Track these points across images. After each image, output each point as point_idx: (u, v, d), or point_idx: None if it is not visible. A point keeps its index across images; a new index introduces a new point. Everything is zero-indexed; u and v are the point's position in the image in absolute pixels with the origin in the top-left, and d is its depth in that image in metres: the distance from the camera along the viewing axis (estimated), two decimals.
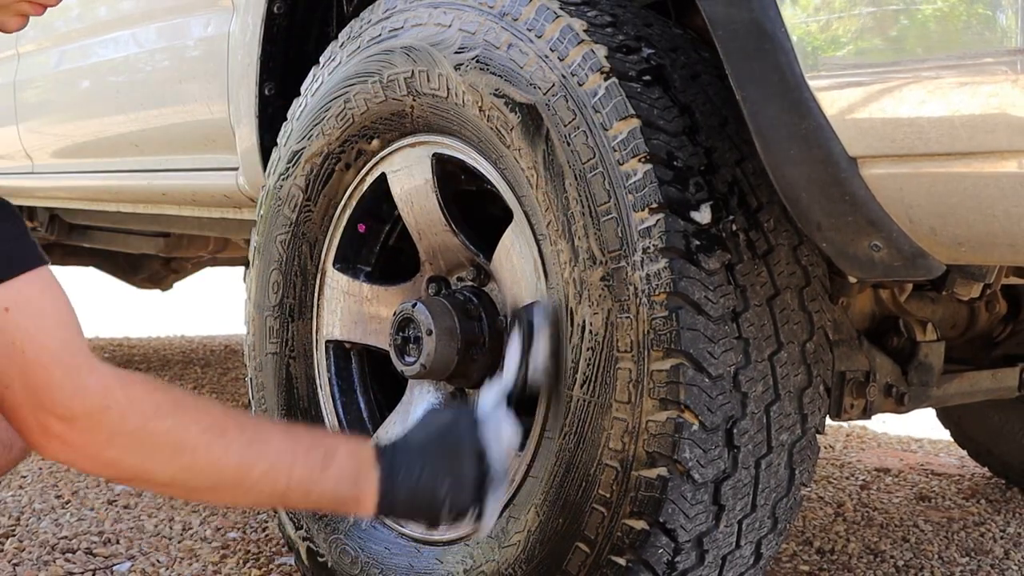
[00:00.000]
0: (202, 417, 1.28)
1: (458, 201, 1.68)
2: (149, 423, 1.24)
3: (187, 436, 1.26)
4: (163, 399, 1.26)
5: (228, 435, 1.28)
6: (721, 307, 1.35)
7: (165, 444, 1.25)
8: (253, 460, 1.29)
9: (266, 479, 1.30)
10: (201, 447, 1.26)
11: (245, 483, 1.30)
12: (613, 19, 1.46)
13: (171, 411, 1.26)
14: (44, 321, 1.21)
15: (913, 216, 1.17)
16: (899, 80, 1.13)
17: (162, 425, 1.24)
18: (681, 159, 1.37)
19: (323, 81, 1.78)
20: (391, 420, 1.78)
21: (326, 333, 1.84)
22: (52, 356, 1.20)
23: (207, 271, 4.72)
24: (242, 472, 1.29)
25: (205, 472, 1.28)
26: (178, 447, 1.25)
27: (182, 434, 1.26)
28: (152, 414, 1.24)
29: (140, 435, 1.24)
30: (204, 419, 1.28)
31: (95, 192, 2.92)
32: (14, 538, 2.22)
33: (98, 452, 1.24)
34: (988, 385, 2.03)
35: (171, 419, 1.25)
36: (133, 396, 1.24)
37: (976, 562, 2.30)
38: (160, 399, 1.26)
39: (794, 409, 1.43)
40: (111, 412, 1.22)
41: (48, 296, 1.22)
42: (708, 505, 1.38)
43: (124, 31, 2.61)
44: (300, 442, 1.34)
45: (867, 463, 3.15)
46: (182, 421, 1.26)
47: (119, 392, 1.23)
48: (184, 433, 1.26)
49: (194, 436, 1.26)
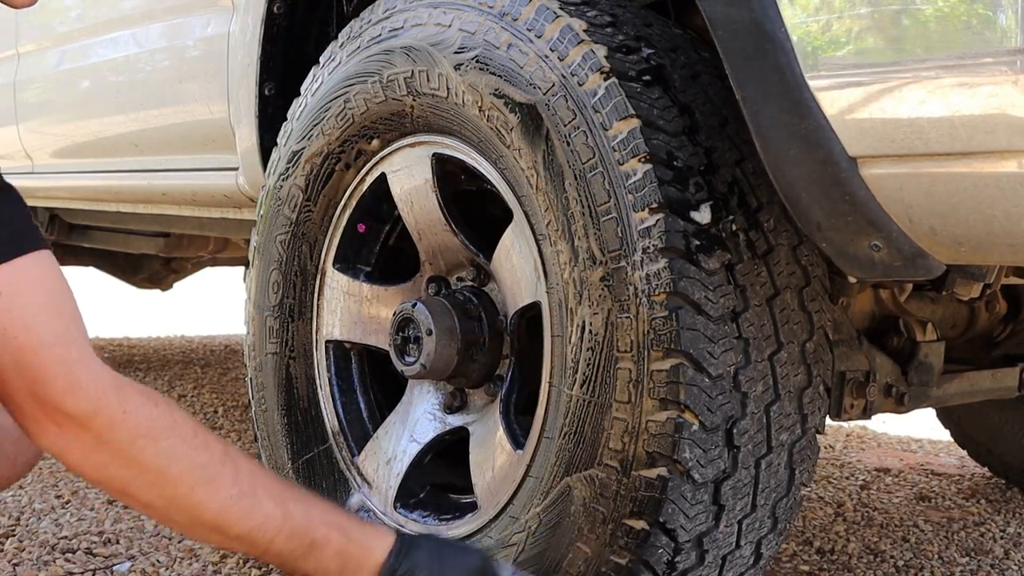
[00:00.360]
0: (197, 454, 1.22)
1: (458, 201, 1.68)
2: (138, 440, 1.19)
3: (173, 468, 1.21)
4: (159, 417, 1.21)
5: (216, 483, 1.22)
6: (721, 307, 1.35)
7: (150, 468, 1.20)
8: (234, 519, 1.23)
9: (242, 541, 1.25)
10: (185, 486, 1.21)
11: (222, 533, 1.25)
12: (613, 19, 1.46)
13: (164, 434, 1.21)
14: (38, 309, 1.16)
15: (913, 216, 1.17)
16: (899, 80, 1.13)
17: (151, 447, 1.20)
18: (681, 159, 1.37)
19: (323, 81, 1.78)
20: (391, 420, 1.78)
21: (326, 333, 1.84)
22: (46, 347, 1.15)
23: (207, 271, 4.72)
24: (220, 525, 1.24)
25: (184, 511, 1.23)
26: (161, 476, 1.21)
27: (169, 464, 1.21)
28: (144, 431, 1.19)
29: (127, 450, 1.19)
30: (198, 456, 1.22)
31: (95, 192, 2.92)
32: (14, 538, 2.22)
33: (86, 454, 1.19)
34: (988, 385, 2.03)
35: (163, 443, 1.20)
36: (127, 406, 1.19)
37: (976, 562, 2.30)
38: (156, 417, 1.21)
39: (794, 409, 1.43)
40: (100, 417, 1.18)
41: (45, 283, 1.17)
42: (708, 505, 1.38)
43: (124, 31, 2.61)
44: (290, 518, 1.26)
45: (867, 463, 3.14)
46: (174, 450, 1.21)
47: (113, 398, 1.19)
48: (172, 464, 1.21)
49: (181, 471, 1.21)
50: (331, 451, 1.82)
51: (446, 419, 1.73)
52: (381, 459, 1.76)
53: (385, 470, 1.75)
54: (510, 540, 1.50)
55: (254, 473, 1.26)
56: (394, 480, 1.73)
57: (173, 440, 1.21)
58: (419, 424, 1.74)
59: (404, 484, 1.72)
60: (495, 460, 1.58)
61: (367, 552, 1.29)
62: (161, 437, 1.20)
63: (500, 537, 1.52)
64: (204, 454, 1.23)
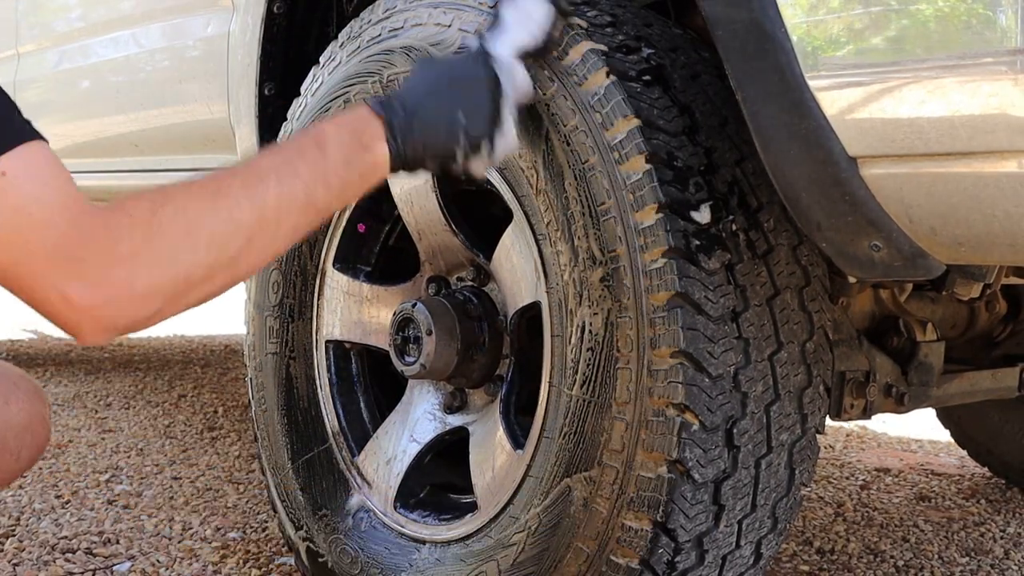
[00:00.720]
0: (195, 189, 1.23)
1: (458, 201, 1.68)
2: (153, 218, 1.17)
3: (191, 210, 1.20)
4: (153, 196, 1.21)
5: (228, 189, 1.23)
6: (721, 307, 1.35)
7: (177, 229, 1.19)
8: (262, 193, 1.23)
9: (283, 201, 1.25)
10: (208, 214, 1.21)
11: (269, 217, 1.24)
12: (613, 19, 1.46)
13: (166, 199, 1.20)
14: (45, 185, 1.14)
15: (913, 216, 1.17)
16: (899, 80, 1.13)
17: (165, 213, 1.18)
18: (681, 159, 1.37)
19: (323, 81, 1.78)
20: (391, 420, 1.78)
21: (326, 333, 1.84)
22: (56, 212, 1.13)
23: None
24: (259, 211, 1.23)
25: (228, 233, 1.22)
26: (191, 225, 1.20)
27: (186, 211, 1.20)
28: (149, 210, 1.18)
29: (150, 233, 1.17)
30: (198, 190, 1.23)
31: (95, 192, 2.91)
32: (14, 538, 2.22)
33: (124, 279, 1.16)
34: (988, 385, 2.03)
35: (170, 205, 1.19)
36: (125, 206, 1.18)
37: (976, 562, 2.30)
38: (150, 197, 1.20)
39: (794, 409, 1.43)
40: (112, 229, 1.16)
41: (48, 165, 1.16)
42: (708, 505, 1.38)
43: (124, 31, 2.61)
44: (287, 149, 1.29)
45: (867, 463, 3.15)
46: (180, 202, 1.20)
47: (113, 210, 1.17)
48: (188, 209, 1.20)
49: (197, 208, 1.21)
50: (331, 451, 1.82)
51: (446, 419, 1.73)
52: (381, 459, 1.76)
53: (385, 470, 1.75)
54: (510, 540, 1.50)
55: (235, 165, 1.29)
56: (394, 480, 1.73)
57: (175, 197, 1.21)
58: (419, 424, 1.74)
59: (404, 484, 1.73)
60: (495, 460, 1.58)
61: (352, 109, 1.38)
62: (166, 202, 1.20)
63: (500, 537, 1.52)
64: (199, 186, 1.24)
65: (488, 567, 1.53)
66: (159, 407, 3.65)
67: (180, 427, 3.34)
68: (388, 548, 1.70)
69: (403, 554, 1.68)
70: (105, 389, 3.96)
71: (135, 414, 3.53)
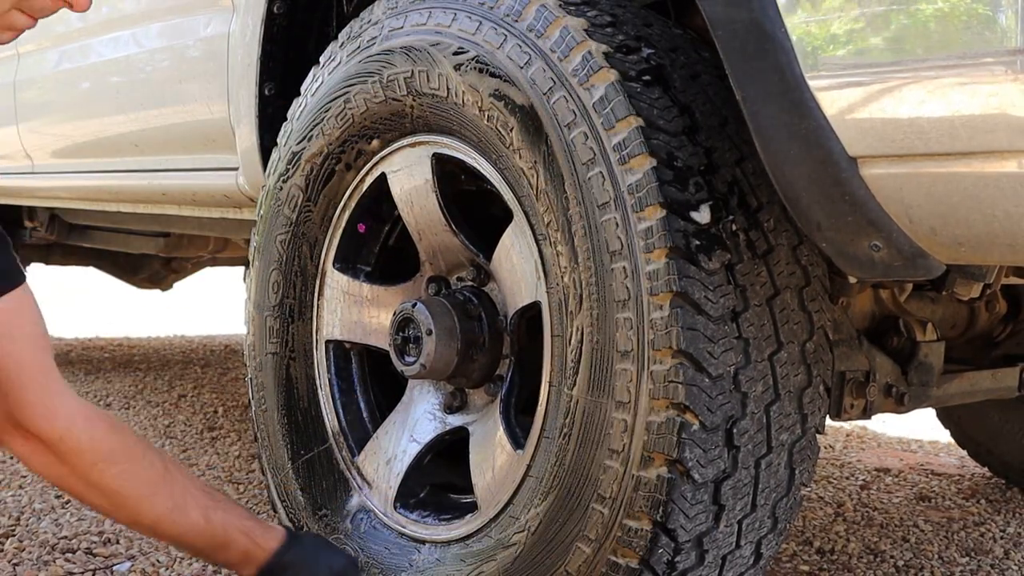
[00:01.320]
0: (145, 473, 1.52)
1: (458, 201, 1.68)
2: (99, 464, 1.47)
3: (125, 487, 1.51)
4: (118, 445, 1.50)
5: (157, 497, 1.53)
6: (721, 307, 1.35)
7: (105, 487, 1.49)
8: (167, 525, 1.55)
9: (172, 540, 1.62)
10: (132, 500, 1.52)
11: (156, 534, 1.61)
12: (613, 19, 1.46)
13: (121, 459, 1.49)
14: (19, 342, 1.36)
15: (913, 216, 1.17)
16: (899, 80, 1.13)
17: (109, 471, 1.48)
18: (681, 159, 1.37)
19: (323, 81, 1.78)
20: (391, 420, 1.78)
21: (326, 333, 1.84)
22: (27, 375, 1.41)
23: (207, 271, 4.72)
24: (155, 529, 1.58)
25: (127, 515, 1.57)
26: (114, 493, 1.51)
27: (122, 484, 1.50)
28: (103, 457, 1.47)
29: (87, 472, 1.47)
30: (145, 475, 1.52)
31: (95, 192, 2.92)
32: (14, 538, 2.22)
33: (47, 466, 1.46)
34: (988, 385, 2.03)
35: (118, 467, 1.49)
36: (94, 435, 1.46)
37: (976, 562, 2.30)
38: (115, 444, 1.49)
39: (794, 409, 1.43)
40: (67, 443, 1.43)
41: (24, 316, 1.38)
42: (708, 505, 1.38)
43: (124, 31, 2.61)
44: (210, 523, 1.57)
45: (867, 463, 3.15)
46: (127, 472, 1.50)
47: (82, 427, 1.45)
48: (124, 483, 1.51)
49: (130, 489, 1.51)
50: (331, 451, 1.82)
51: (446, 419, 1.73)
52: (381, 459, 1.76)
53: (385, 470, 1.75)
54: (510, 540, 1.50)
55: (186, 488, 1.58)
56: (394, 480, 1.73)
57: (127, 464, 1.50)
58: (419, 424, 1.74)
59: (404, 484, 1.73)
60: (495, 460, 1.58)
61: (264, 550, 1.61)
62: (119, 462, 1.49)
63: (500, 537, 1.52)
64: (151, 472, 1.53)
65: (488, 567, 1.53)
66: (159, 407, 3.65)
67: (180, 427, 3.34)
68: (388, 548, 1.70)
69: (403, 554, 1.68)
70: (105, 389, 3.96)
71: (135, 414, 3.53)
